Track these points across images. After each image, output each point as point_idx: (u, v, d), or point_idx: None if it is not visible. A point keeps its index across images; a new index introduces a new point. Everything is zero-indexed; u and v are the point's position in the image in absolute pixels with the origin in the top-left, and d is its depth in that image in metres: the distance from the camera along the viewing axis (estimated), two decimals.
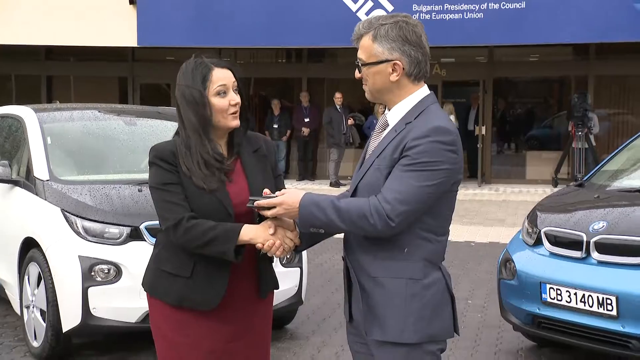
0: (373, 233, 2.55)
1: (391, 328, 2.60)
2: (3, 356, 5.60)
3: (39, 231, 5.54)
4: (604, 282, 4.85)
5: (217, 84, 2.83)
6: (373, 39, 2.65)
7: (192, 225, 2.77)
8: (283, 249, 2.76)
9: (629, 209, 5.26)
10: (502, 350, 5.79)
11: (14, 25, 16.51)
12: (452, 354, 5.58)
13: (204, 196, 2.83)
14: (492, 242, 10.13)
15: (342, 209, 2.56)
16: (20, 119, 6.51)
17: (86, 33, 16.46)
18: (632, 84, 17.27)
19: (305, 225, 2.65)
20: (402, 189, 2.51)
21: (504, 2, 15.09)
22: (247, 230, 2.76)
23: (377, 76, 2.66)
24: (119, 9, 16.27)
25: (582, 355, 5.54)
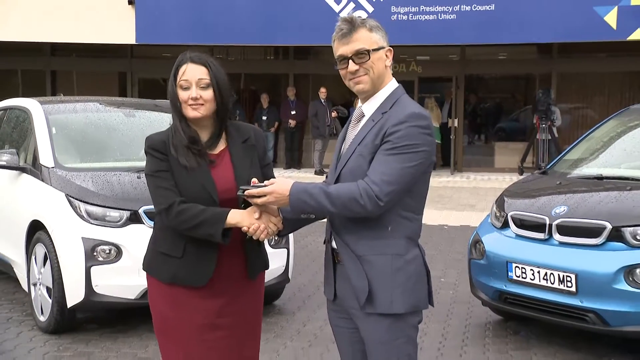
0: (363, 214, 2.57)
1: (380, 301, 2.62)
2: (12, 329, 5.59)
3: (45, 214, 5.53)
4: (565, 261, 4.90)
5: (182, 78, 2.86)
6: (369, 29, 2.68)
7: (182, 209, 2.79)
8: (267, 233, 2.76)
9: (588, 195, 5.30)
10: (471, 324, 5.82)
11: (20, 23, 16.36)
12: (426, 327, 5.60)
13: (188, 179, 2.84)
14: (464, 225, 10.17)
15: (332, 194, 2.57)
16: (27, 110, 6.48)
17: (88, 31, 16.37)
18: (591, 80, 17.36)
19: (296, 211, 2.66)
20: (387, 171, 2.54)
21: (475, 4, 15.11)
22: (233, 214, 2.77)
23: (379, 62, 2.69)
24: (119, 9, 16.16)
25: (544, 328, 5.58)
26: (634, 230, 4.76)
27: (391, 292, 2.61)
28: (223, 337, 2.93)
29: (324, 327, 5.47)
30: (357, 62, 2.66)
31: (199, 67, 2.86)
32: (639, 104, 6.84)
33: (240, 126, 3.05)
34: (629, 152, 6.02)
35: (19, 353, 5.08)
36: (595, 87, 17.37)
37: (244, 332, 3.00)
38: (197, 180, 2.85)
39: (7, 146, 6.57)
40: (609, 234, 4.81)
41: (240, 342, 2.99)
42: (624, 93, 16.83)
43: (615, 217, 4.85)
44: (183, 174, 2.85)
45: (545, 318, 5.14)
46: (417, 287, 2.67)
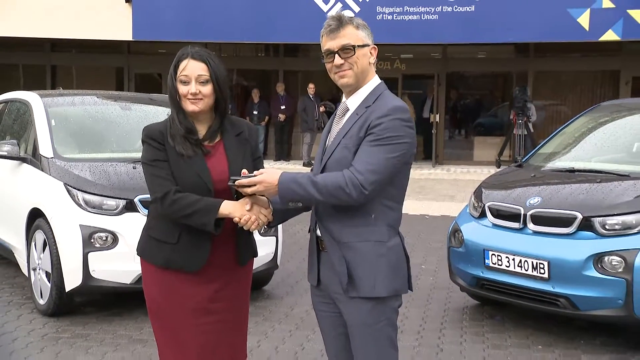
0: (348, 201, 2.57)
1: (363, 285, 2.63)
2: (13, 312, 5.57)
3: (44, 203, 5.51)
4: (538, 249, 4.92)
5: (182, 73, 2.85)
6: (356, 27, 2.70)
7: (177, 198, 2.78)
8: (258, 224, 2.76)
9: (560, 186, 5.33)
10: (450, 309, 5.85)
11: (21, 19, 16.27)
12: (407, 311, 5.63)
13: (185, 169, 2.83)
14: (444, 215, 10.21)
15: (319, 182, 2.58)
16: (27, 103, 6.45)
17: (87, 28, 16.26)
18: (565, 78, 17.46)
19: (284, 200, 2.65)
20: (372, 161, 2.55)
21: (456, 5, 15.13)
22: (226, 205, 2.76)
23: (364, 58, 2.70)
24: (116, 6, 16.09)
25: (519, 313, 5.61)
26: (602, 220, 4.79)
27: (374, 276, 2.62)
28: (215, 321, 2.93)
29: (310, 312, 5.45)
30: (343, 57, 2.67)
31: (199, 64, 2.85)
32: (609, 102, 6.89)
33: (234, 121, 3.04)
34: (599, 147, 6.05)
35: (20, 334, 5.07)
36: (569, 85, 17.46)
37: (234, 316, 3.01)
38: (193, 169, 2.84)
39: (8, 137, 6.54)
40: (580, 223, 4.84)
41: (230, 325, 2.99)
42: (595, 91, 16.93)
43: (585, 208, 4.88)
44: (180, 163, 2.84)
45: (519, 303, 5.17)
46: (398, 272, 2.68)
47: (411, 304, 5.81)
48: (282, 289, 6.36)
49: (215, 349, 2.95)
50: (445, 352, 4.83)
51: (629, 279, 4.58)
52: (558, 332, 5.21)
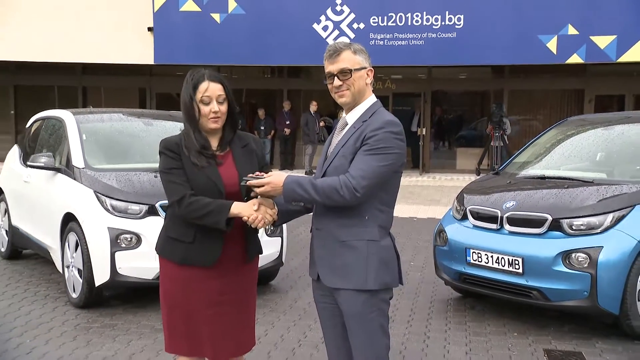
0: (342, 203, 2.58)
1: (357, 279, 2.63)
2: (49, 304, 5.58)
3: (77, 208, 5.52)
4: (513, 248, 4.93)
5: (203, 94, 2.84)
6: (353, 52, 2.71)
7: (192, 201, 2.79)
8: (264, 222, 2.77)
9: (533, 192, 5.33)
10: (436, 300, 5.85)
11: (57, 46, 16.34)
12: (398, 302, 5.63)
13: (200, 175, 2.83)
14: (430, 217, 10.21)
15: (317, 185, 2.60)
16: (61, 120, 6.46)
17: (113, 53, 16.35)
18: (536, 96, 17.49)
19: (288, 199, 2.68)
20: (364, 168, 2.57)
21: (439, 32, 15.20)
22: (236, 206, 2.77)
23: (360, 79, 2.71)
24: (140, 35, 16.16)
25: (497, 304, 5.61)
26: (570, 222, 4.80)
27: (366, 271, 2.63)
28: (224, 311, 2.93)
29: (312, 304, 5.42)
30: (341, 79, 2.68)
31: (217, 85, 2.87)
32: (575, 117, 6.90)
33: (240, 134, 3.06)
34: (566, 156, 6.06)
35: (55, 324, 5.07)
36: (540, 102, 17.49)
37: (242, 307, 3.01)
38: (207, 176, 2.85)
39: (44, 150, 6.54)
40: (550, 224, 4.85)
41: (239, 315, 2.99)
42: (563, 107, 16.97)
43: (555, 211, 4.89)
44: (194, 171, 2.85)
45: (497, 295, 5.17)
46: (389, 268, 2.68)
47: (401, 296, 5.82)
48: (287, 283, 6.36)
49: (225, 336, 2.95)
50: (431, 339, 4.84)
51: (593, 274, 4.58)
52: (531, 321, 5.21)
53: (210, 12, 15.96)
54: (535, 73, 16.58)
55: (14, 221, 6.97)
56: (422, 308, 5.60)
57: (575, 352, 4.57)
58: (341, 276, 2.65)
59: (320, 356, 4.32)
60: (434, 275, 5.95)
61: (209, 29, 15.94)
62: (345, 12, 15.51)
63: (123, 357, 4.41)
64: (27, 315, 5.30)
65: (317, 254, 2.77)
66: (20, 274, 6.59)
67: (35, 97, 18.56)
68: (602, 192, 4.96)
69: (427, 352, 4.56)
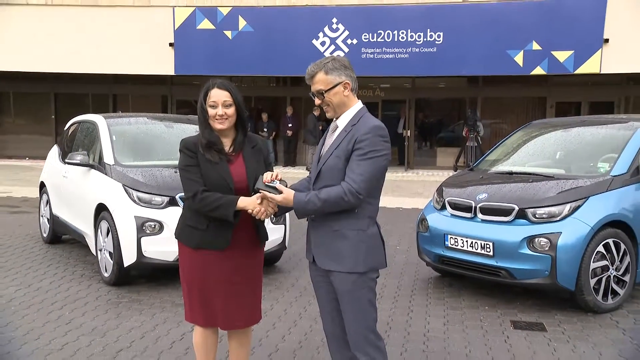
0: (348, 207, 2.58)
1: (347, 262, 2.63)
2: (85, 282, 5.59)
3: (108, 199, 5.52)
4: (485, 233, 4.94)
5: (210, 99, 2.86)
6: (325, 73, 2.66)
7: (204, 197, 2.79)
8: (266, 214, 2.77)
9: (502, 185, 5.33)
10: (418, 279, 5.86)
11: (92, 59, 16.35)
12: (385, 281, 5.64)
13: (213, 172, 2.83)
14: (414, 207, 10.22)
15: (323, 199, 2.57)
16: (94, 123, 6.46)
17: (140, 66, 16.37)
18: (506, 103, 17.48)
19: (300, 215, 2.65)
20: (362, 172, 2.55)
21: (422, 47, 15.21)
22: (242, 200, 2.78)
23: (336, 96, 2.67)
24: (162, 49, 16.16)
25: (471, 282, 5.63)
26: (534, 211, 4.82)
27: (355, 256, 2.62)
28: (235, 289, 2.94)
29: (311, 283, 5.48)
30: (319, 98, 2.69)
31: (224, 92, 2.87)
32: (538, 120, 6.90)
33: (250, 136, 3.05)
34: (531, 154, 6.06)
35: (90, 299, 5.08)
36: (509, 108, 17.49)
37: (251, 285, 3.01)
38: (219, 172, 2.84)
39: (80, 149, 6.54)
40: (517, 213, 4.86)
41: (247, 292, 3.00)
42: (528, 112, 16.96)
43: (521, 201, 4.90)
44: (208, 167, 2.85)
45: (471, 274, 5.18)
46: (375, 253, 2.68)
47: (388, 276, 5.83)
48: (290, 265, 6.36)
49: (236, 310, 2.96)
50: (414, 312, 4.85)
51: (553, 255, 4.60)
52: (500, 296, 5.23)
53: (223, 29, 15.99)
54: (505, 83, 16.58)
55: (54, 211, 6.97)
56: (407, 286, 5.61)
57: (537, 323, 4.59)
58: (334, 260, 2.65)
59: (318, 327, 4.33)
60: (417, 258, 5.96)
61: (222, 44, 15.95)
62: (340, 30, 15.51)
63: (148, 327, 4.42)
64: (66, 291, 5.31)
65: (312, 240, 2.76)
66: (60, 256, 6.59)
67: (72, 103, 18.54)
68: (561, 186, 4.97)
69: (410, 324, 4.57)
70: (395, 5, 15.56)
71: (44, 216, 7.38)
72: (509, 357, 3.92)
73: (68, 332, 4.31)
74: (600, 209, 4.77)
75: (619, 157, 5.14)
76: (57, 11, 16.73)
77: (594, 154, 5.52)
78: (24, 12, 16.77)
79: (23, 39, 16.60)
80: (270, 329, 4.41)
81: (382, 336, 2.80)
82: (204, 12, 16.12)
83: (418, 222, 5.70)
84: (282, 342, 4.16)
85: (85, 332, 4.31)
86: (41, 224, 7.48)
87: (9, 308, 4.84)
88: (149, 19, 16.31)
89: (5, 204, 10.38)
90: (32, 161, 17.63)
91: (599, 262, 4.72)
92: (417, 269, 6.16)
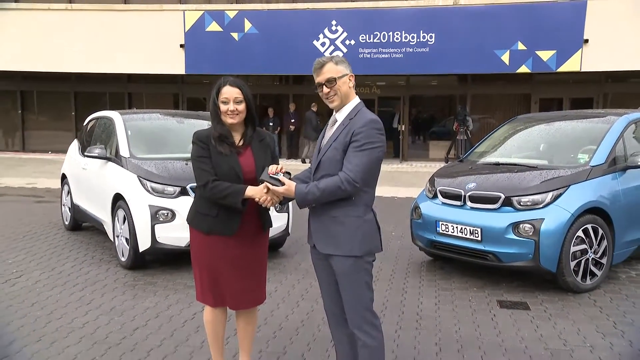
0: (345, 195, 2.56)
1: (345, 246, 2.62)
2: (103, 266, 5.61)
3: (124, 189, 5.52)
4: (474, 220, 4.94)
5: (223, 96, 2.86)
6: (335, 63, 2.66)
7: (214, 185, 2.79)
8: (272, 203, 2.77)
9: (489, 175, 5.32)
10: (412, 263, 5.87)
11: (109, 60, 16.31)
12: (382, 264, 5.65)
13: (223, 163, 2.83)
14: (408, 197, 10.22)
15: (322, 188, 2.56)
16: (111, 119, 6.45)
17: (153, 66, 16.29)
18: (493, 99, 17.40)
19: (302, 205, 2.64)
20: (358, 162, 2.53)
21: (415, 47, 15.15)
22: (250, 189, 2.78)
23: (344, 85, 2.66)
24: (174, 50, 16.10)
25: (460, 265, 5.63)
26: (518, 199, 4.81)
27: (353, 241, 2.61)
28: (242, 272, 2.94)
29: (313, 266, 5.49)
30: (328, 87, 2.65)
31: (235, 89, 2.87)
32: (523, 115, 6.88)
33: (259, 131, 3.04)
34: (516, 147, 6.05)
35: (108, 282, 5.10)
36: (496, 104, 17.41)
37: (256, 268, 3.01)
38: (229, 163, 2.84)
39: (98, 143, 6.54)
40: (503, 201, 4.86)
41: (253, 275, 3.00)
42: (514, 108, 16.88)
43: (507, 190, 4.89)
44: (219, 158, 2.84)
45: (460, 258, 5.18)
46: (371, 238, 2.66)
47: (384, 259, 5.83)
48: (293, 250, 6.37)
49: (243, 291, 2.96)
50: (408, 293, 4.86)
51: (536, 240, 4.60)
52: (487, 278, 5.24)
53: (230, 31, 15.93)
54: (492, 80, 16.51)
55: (75, 200, 6.98)
56: (401, 269, 5.62)
57: (521, 302, 4.59)
58: (333, 245, 2.64)
59: (318, 307, 4.34)
60: (411, 243, 5.96)
61: (229, 45, 15.90)
62: (339, 31, 15.45)
63: (162, 308, 4.44)
64: (86, 274, 5.32)
65: (313, 227, 2.75)
66: (80, 242, 6.60)
67: (90, 101, 18.47)
68: (544, 175, 4.96)
69: (404, 304, 4.58)
70: (390, 9, 15.48)
71: (66, 205, 7.39)
72: (495, 333, 3.93)
73: (88, 312, 4.33)
74: (580, 196, 4.77)
75: (597, 149, 5.14)
76: (77, 15, 16.68)
77: (574, 146, 5.51)
78: (45, 16, 16.74)
79: (45, 42, 16.57)
80: (275, 309, 4.42)
81: (378, 315, 2.81)
82: (212, 16, 16.05)
83: (412, 210, 5.69)
84: (285, 321, 4.17)
85: (104, 312, 4.32)
86: (63, 212, 7.49)
87: (35, 289, 4.86)
88: (161, 22, 16.25)
89: (31, 194, 10.40)
90: (54, 155, 17.64)
91: (578, 246, 4.72)
92: (410, 254, 6.17)
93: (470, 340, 3.79)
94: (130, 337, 3.84)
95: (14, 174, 13.48)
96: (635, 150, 5.28)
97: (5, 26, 16.80)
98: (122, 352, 3.59)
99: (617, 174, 5.08)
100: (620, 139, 5.26)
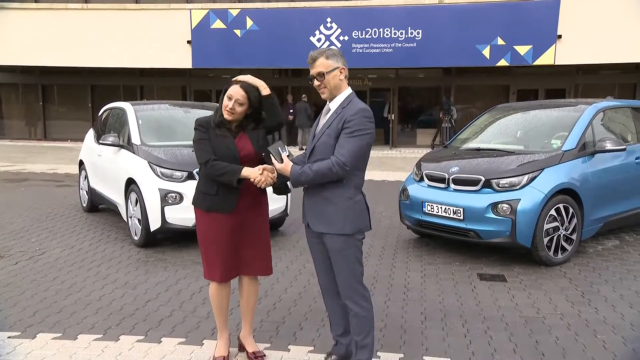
0: (336, 177, 2.53)
1: (336, 225, 2.60)
2: (118, 244, 5.58)
3: (136, 174, 5.48)
4: (457, 201, 4.93)
5: (229, 93, 2.86)
6: (326, 57, 2.61)
7: (214, 164, 2.78)
8: (266, 183, 2.75)
9: (471, 160, 5.30)
10: (400, 240, 5.87)
11: (120, 55, 16.14)
12: (372, 242, 5.65)
13: (221, 145, 2.82)
14: (397, 180, 10.21)
15: (315, 170, 2.53)
16: (124, 109, 6.39)
17: (162, 60, 16.13)
18: (475, 90, 17.34)
19: (295, 184, 2.61)
20: (349, 147, 2.50)
21: (404, 42, 15.05)
22: (245, 169, 2.76)
23: (334, 78, 2.61)
24: (182, 46, 15.95)
25: (444, 241, 5.64)
26: (497, 181, 4.80)
27: (343, 220, 2.59)
28: (244, 247, 2.92)
29: None
30: (319, 80, 2.62)
31: (241, 91, 2.84)
32: (502, 104, 6.84)
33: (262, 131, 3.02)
34: (495, 134, 6.01)
35: (123, 258, 5.09)
36: (477, 94, 17.36)
37: (258, 243, 2.97)
38: (227, 146, 2.83)
39: (112, 132, 6.48)
40: (483, 183, 4.84)
41: (257, 248, 2.97)
42: (494, 98, 16.82)
43: (487, 173, 4.88)
44: (217, 141, 2.84)
45: (444, 235, 5.17)
46: (360, 218, 2.64)
47: (375, 237, 5.83)
48: (291, 229, 6.36)
49: (253, 259, 2.95)
50: (397, 268, 4.86)
51: (513, 218, 4.60)
52: (468, 254, 5.24)
53: (233, 28, 15.78)
54: (474, 73, 16.43)
55: (92, 184, 6.94)
56: (390, 246, 5.62)
57: (499, 275, 4.60)
58: (325, 224, 2.62)
59: (314, 281, 4.34)
60: (399, 222, 5.96)
61: (232, 41, 15.74)
62: (334, 28, 15.32)
63: (172, 282, 4.43)
64: (103, 252, 5.30)
65: (306, 207, 2.73)
66: (97, 223, 6.58)
67: (105, 93, 18.33)
68: (521, 160, 4.94)
69: (393, 277, 4.58)
70: (381, 7, 15.34)
71: (83, 189, 7.35)
72: (475, 303, 3.94)
73: (105, 286, 4.32)
74: (552, 179, 4.75)
75: (569, 135, 5.12)
76: (92, 14, 16.50)
77: (548, 132, 5.48)
78: (64, 15, 16.56)
79: (64, 38, 16.42)
80: (275, 282, 4.42)
81: (368, 287, 2.80)
82: (216, 14, 15.87)
83: (400, 192, 5.68)
84: (284, 293, 4.17)
85: (119, 286, 4.31)
86: (81, 195, 7.46)
87: (56, 265, 4.84)
88: (170, 20, 16.07)
89: (52, 179, 10.36)
90: (72, 143, 17.57)
91: (551, 224, 4.72)
92: (399, 232, 6.17)
93: (453, 310, 3.80)
94: (143, 308, 3.84)
95: (37, 160, 13.41)
96: (603, 136, 5.26)
97: (26, 24, 16.59)
98: (135, 322, 3.58)
99: (587, 158, 5.07)
100: (590, 126, 5.24)
